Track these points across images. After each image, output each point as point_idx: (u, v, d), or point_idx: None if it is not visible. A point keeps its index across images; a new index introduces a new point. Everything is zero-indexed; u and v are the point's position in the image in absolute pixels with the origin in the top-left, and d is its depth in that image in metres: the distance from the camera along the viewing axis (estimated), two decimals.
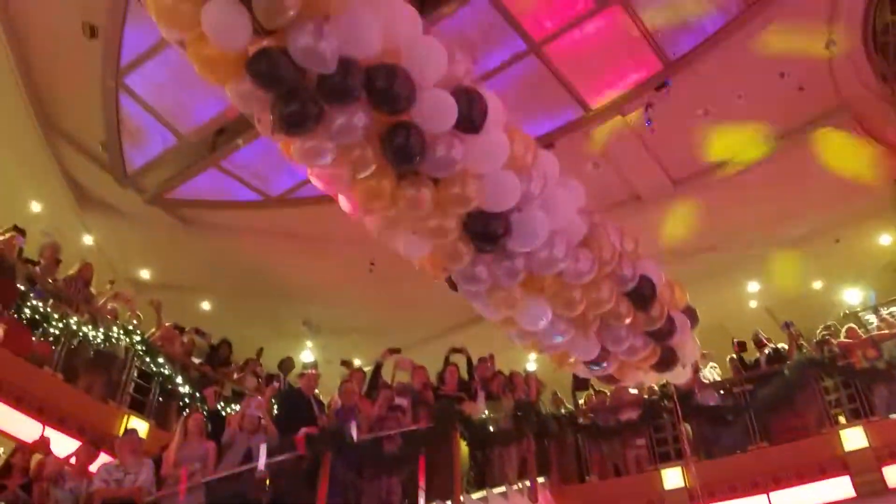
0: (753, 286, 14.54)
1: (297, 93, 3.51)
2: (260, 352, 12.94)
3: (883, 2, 9.69)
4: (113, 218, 13.28)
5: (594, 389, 11.85)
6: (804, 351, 10.71)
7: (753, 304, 14.89)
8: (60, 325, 9.25)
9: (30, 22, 10.25)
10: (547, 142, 10.67)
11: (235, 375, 11.80)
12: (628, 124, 11.28)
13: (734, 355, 11.80)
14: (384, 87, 3.65)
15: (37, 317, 9.08)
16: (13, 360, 8.37)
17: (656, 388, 10.51)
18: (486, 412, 9.64)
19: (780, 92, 10.84)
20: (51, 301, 9.44)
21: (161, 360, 10.34)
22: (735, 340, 12.17)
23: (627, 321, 5.39)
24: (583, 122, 11.25)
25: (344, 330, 15.69)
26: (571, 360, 5.78)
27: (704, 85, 10.68)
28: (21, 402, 8.27)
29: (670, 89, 10.50)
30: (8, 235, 9.50)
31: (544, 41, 10.07)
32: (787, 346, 11.29)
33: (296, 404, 9.00)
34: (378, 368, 10.53)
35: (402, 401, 9.22)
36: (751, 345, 12.10)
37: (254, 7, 3.28)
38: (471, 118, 4.01)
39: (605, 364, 5.75)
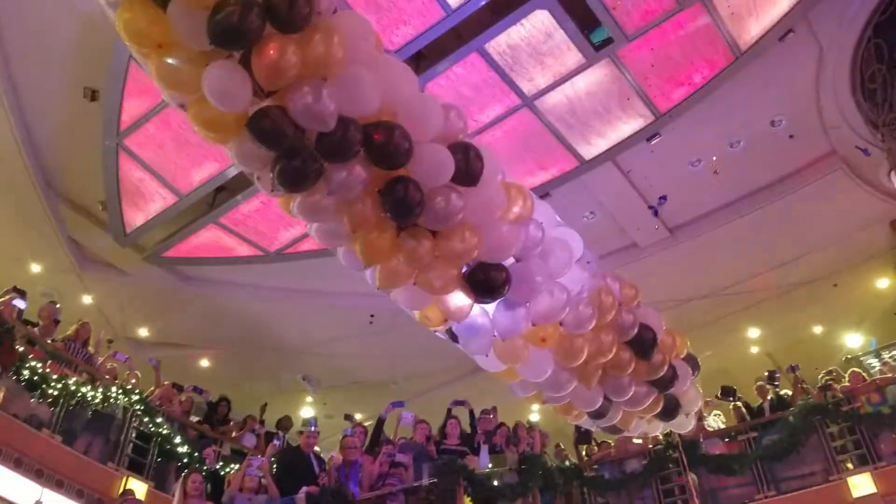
0: (754, 332, 14.50)
1: (297, 150, 3.56)
2: (264, 407, 12.78)
3: (869, 50, 9.91)
4: (112, 276, 13.31)
5: (597, 442, 11.73)
6: (808, 397, 10.62)
7: (755, 350, 14.83)
8: (58, 385, 9.17)
9: (31, 85, 10.43)
10: (543, 192, 10.80)
11: (234, 433, 11.66)
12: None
13: (739, 402, 11.67)
14: (382, 143, 3.71)
15: (35, 378, 9.01)
16: (11, 422, 8.29)
17: (661, 437, 10.39)
18: (490, 466, 9.50)
19: (772, 140, 11.02)
20: (49, 362, 9.38)
21: (160, 419, 10.24)
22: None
23: (629, 370, 5.37)
24: (577, 173, 11.38)
25: (344, 384, 15.58)
26: (576, 411, 5.73)
27: (697, 134, 10.86)
28: (20, 465, 8.16)
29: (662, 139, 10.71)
30: (7, 297, 9.50)
31: (538, 95, 10.25)
32: (790, 393, 11.20)
33: (295, 462, 8.89)
34: (380, 423, 10.42)
35: (404, 457, 9.10)
36: (743, 387, 11.96)
37: (253, 70, 3.35)
38: (468, 171, 4.06)
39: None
